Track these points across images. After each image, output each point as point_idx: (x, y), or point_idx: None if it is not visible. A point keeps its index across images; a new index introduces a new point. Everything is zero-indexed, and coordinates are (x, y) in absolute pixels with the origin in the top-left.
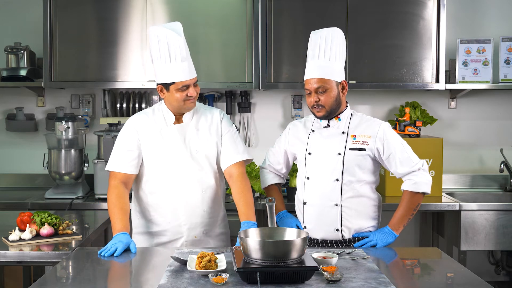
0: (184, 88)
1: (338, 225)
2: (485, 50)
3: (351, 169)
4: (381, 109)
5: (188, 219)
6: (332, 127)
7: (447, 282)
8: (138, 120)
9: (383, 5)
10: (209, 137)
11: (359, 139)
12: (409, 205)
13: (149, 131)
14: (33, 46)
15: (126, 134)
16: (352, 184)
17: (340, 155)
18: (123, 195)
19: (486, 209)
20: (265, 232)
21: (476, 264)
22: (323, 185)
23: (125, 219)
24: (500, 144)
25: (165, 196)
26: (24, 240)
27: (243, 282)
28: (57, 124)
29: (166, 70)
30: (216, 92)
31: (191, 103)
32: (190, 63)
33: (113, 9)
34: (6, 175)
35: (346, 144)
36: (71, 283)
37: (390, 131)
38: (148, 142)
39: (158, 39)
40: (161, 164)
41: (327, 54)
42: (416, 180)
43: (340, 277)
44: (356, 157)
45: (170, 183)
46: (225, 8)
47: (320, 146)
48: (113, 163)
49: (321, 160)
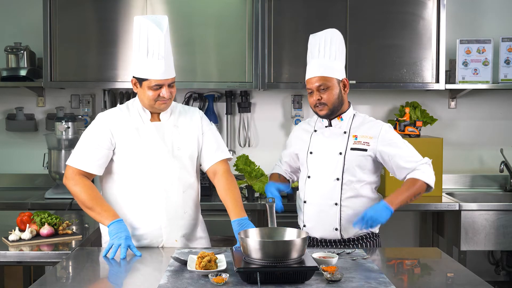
0: (156, 87)
1: (337, 224)
2: (485, 50)
3: (351, 169)
4: (381, 109)
5: (168, 221)
6: (334, 126)
7: (447, 282)
8: (111, 116)
9: (383, 5)
10: (190, 135)
11: (361, 139)
12: (410, 189)
13: (124, 128)
14: (33, 46)
15: (96, 130)
16: (352, 184)
17: (341, 154)
18: (93, 185)
19: (486, 209)
20: (265, 232)
21: (476, 264)
22: (323, 184)
23: (109, 206)
24: (500, 144)
25: (144, 197)
26: (24, 240)
27: (243, 282)
28: (57, 124)
29: (141, 64)
30: (216, 92)
31: (163, 104)
32: (168, 62)
33: (113, 9)
34: (6, 175)
35: (347, 144)
36: (71, 283)
37: (392, 132)
38: (123, 140)
39: (140, 30)
40: (138, 162)
41: (327, 53)
42: (424, 170)
43: (340, 277)
44: (357, 157)
45: (149, 182)
46: (225, 8)
47: (322, 145)
48: (77, 160)
49: (322, 159)
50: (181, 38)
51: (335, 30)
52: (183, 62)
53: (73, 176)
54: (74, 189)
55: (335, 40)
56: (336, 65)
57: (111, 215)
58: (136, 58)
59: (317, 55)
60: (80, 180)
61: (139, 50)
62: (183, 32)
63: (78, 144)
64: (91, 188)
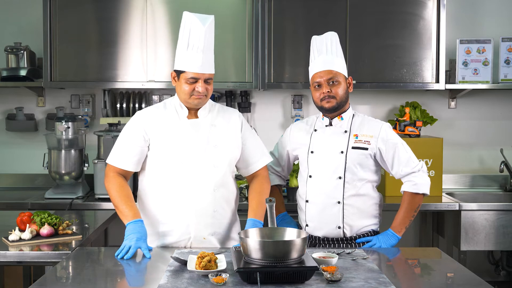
0: (192, 81)
1: (340, 222)
2: (485, 50)
3: (353, 167)
4: (381, 109)
5: (196, 219)
6: (335, 126)
7: (447, 282)
8: (146, 114)
9: (383, 5)
10: (227, 134)
11: (361, 138)
12: (410, 207)
13: (159, 125)
14: (33, 46)
15: (131, 129)
16: (354, 182)
17: (342, 153)
18: (124, 184)
19: (486, 209)
20: (265, 232)
21: (476, 264)
22: (325, 183)
23: (134, 205)
24: (500, 144)
25: (174, 193)
26: (24, 240)
27: (243, 282)
28: (57, 124)
29: (181, 56)
30: (216, 92)
31: (197, 99)
32: (207, 57)
33: (113, 9)
34: (6, 175)
35: (348, 143)
36: (71, 283)
37: (391, 132)
38: (157, 137)
39: (185, 24)
40: (170, 159)
41: (333, 51)
42: (417, 181)
43: (340, 277)
44: (358, 156)
45: (179, 179)
46: (225, 8)
47: (323, 144)
48: (114, 158)
49: (324, 158)
50: None
51: (334, 33)
52: None
53: (109, 173)
54: (107, 187)
55: (336, 41)
56: (341, 62)
57: (131, 215)
58: (177, 51)
59: (325, 51)
60: (113, 178)
61: (181, 43)
62: None
63: (116, 142)
64: (121, 187)
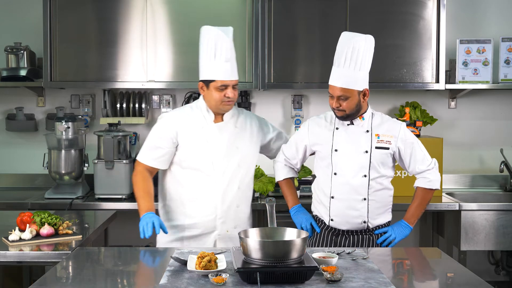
0: (222, 88)
1: (365, 217)
2: (485, 50)
3: (376, 166)
4: (381, 109)
5: (223, 213)
6: (356, 125)
7: (447, 282)
8: (176, 117)
9: (383, 5)
10: (251, 137)
11: (383, 138)
12: (423, 201)
13: (189, 128)
14: (33, 46)
15: (161, 130)
16: (377, 179)
17: (367, 153)
18: (148, 179)
19: (486, 209)
20: (265, 232)
21: (476, 264)
22: (351, 181)
23: (151, 200)
24: (500, 144)
25: (203, 190)
26: (24, 240)
27: (243, 282)
28: (57, 124)
29: (209, 67)
30: None
31: (228, 104)
32: (233, 65)
33: (113, 9)
34: (6, 175)
35: (371, 143)
36: (71, 283)
37: (409, 132)
38: (186, 140)
39: (208, 37)
40: (201, 160)
41: (352, 63)
42: (431, 178)
43: (340, 277)
44: (381, 155)
45: (210, 178)
46: (225, 8)
47: (346, 143)
48: (143, 156)
49: (349, 157)
50: (181, 38)
51: (365, 38)
52: (183, 62)
53: (137, 168)
54: (133, 180)
55: (364, 49)
56: (360, 76)
57: (145, 208)
58: (202, 63)
59: (343, 63)
60: (139, 173)
61: (207, 55)
62: (183, 32)
63: (145, 141)
64: (144, 182)
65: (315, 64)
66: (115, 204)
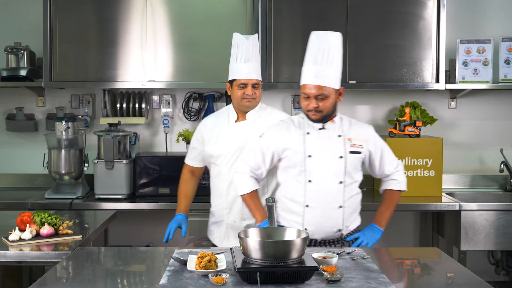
0: (242, 86)
1: (341, 225)
2: (485, 50)
3: (351, 171)
4: (381, 109)
5: (228, 204)
6: (328, 129)
7: (447, 282)
8: (208, 118)
9: (383, 5)
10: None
11: (355, 142)
12: (392, 203)
13: (213, 127)
14: (33, 46)
15: (195, 132)
16: (351, 185)
17: (341, 158)
18: (188, 181)
19: (486, 209)
20: (265, 232)
21: (476, 264)
22: (327, 188)
23: (186, 202)
24: (500, 144)
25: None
26: (24, 240)
27: (243, 282)
28: (57, 124)
29: (232, 68)
30: (216, 92)
31: (247, 101)
32: (253, 65)
33: (113, 9)
34: (6, 175)
35: (345, 148)
36: (71, 283)
37: (377, 134)
38: (209, 140)
39: (233, 42)
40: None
41: (329, 60)
42: (400, 179)
43: (340, 277)
44: (355, 159)
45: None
46: (225, 8)
47: (320, 149)
48: (186, 157)
49: (323, 163)
50: (181, 38)
51: (336, 35)
52: (183, 62)
53: (183, 170)
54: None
55: (334, 46)
56: (335, 74)
57: (178, 209)
58: (230, 66)
59: (319, 61)
60: (183, 175)
61: (231, 58)
62: (183, 32)
63: None
64: (184, 184)
65: None
66: (115, 204)
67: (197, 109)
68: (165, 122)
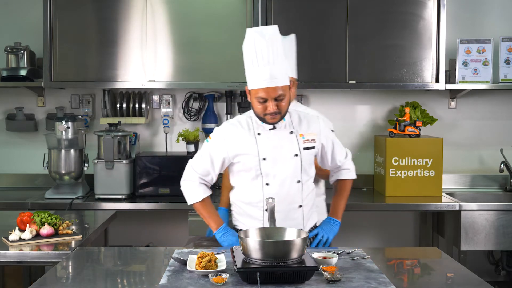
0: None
1: (301, 225)
2: (485, 50)
3: (306, 168)
4: (381, 109)
5: None
6: (279, 128)
7: (447, 282)
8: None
9: (383, 5)
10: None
11: (308, 137)
12: (347, 193)
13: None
14: (33, 46)
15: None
16: (307, 182)
17: (297, 156)
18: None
19: (486, 209)
20: (265, 232)
21: (476, 264)
22: (285, 189)
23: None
24: (500, 144)
25: None
26: (24, 240)
27: (243, 282)
28: (57, 124)
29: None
30: (216, 92)
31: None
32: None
33: (113, 9)
34: (6, 175)
35: (299, 145)
36: (71, 283)
37: (326, 126)
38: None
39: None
40: None
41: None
42: (350, 167)
43: (340, 277)
44: (309, 156)
45: None
46: (225, 8)
47: (273, 149)
48: None
49: (279, 164)
50: (181, 38)
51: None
52: (183, 62)
53: None
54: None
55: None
56: (285, 70)
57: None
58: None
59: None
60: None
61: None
62: (183, 32)
63: None
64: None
65: (315, 64)
66: (115, 204)
67: (197, 109)
68: (165, 122)
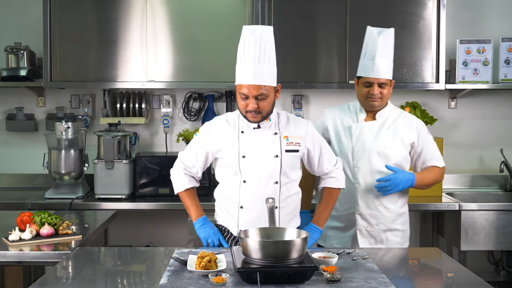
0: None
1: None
2: (485, 50)
3: (287, 170)
4: None
5: None
6: (263, 128)
7: (447, 282)
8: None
9: (383, 5)
10: None
11: (292, 140)
12: (332, 202)
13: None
14: (33, 46)
15: None
16: (287, 185)
17: (277, 157)
18: None
19: (486, 209)
20: (265, 232)
21: (476, 264)
22: (262, 189)
23: None
24: (500, 144)
25: None
26: (24, 240)
27: (243, 282)
28: (57, 124)
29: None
30: (216, 92)
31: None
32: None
33: (113, 9)
34: (6, 175)
35: (281, 146)
36: (71, 283)
37: (315, 130)
38: None
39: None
40: None
41: (266, 57)
42: (339, 177)
43: (340, 277)
44: (291, 158)
45: None
46: (225, 8)
47: (254, 148)
48: None
49: (258, 163)
50: (181, 38)
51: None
52: (183, 62)
53: None
54: None
55: (271, 41)
56: (272, 71)
57: None
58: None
59: (258, 58)
60: None
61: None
62: (183, 32)
63: None
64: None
65: (315, 64)
66: (115, 204)
67: (197, 109)
68: (165, 122)
